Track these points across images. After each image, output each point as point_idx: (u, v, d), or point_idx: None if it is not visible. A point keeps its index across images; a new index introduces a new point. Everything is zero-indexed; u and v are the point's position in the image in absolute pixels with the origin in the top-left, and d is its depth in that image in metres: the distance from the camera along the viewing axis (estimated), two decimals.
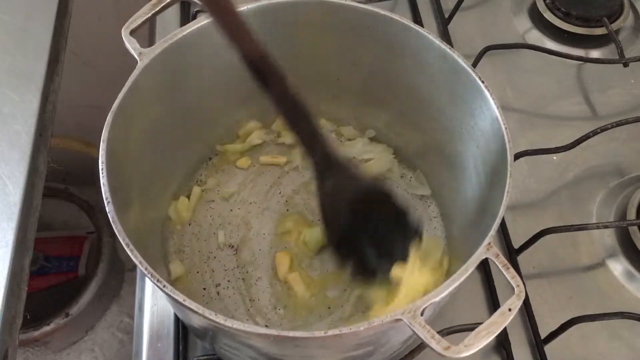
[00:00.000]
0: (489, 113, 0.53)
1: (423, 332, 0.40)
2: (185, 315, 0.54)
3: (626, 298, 0.65)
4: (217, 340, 0.53)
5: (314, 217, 0.67)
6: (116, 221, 0.46)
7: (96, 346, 1.32)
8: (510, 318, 0.41)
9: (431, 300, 0.42)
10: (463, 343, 0.40)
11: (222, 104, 0.67)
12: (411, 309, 0.41)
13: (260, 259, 0.65)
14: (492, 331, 0.41)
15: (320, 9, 0.60)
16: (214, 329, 0.47)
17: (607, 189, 0.72)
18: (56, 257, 1.33)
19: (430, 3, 0.89)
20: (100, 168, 0.48)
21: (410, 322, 0.41)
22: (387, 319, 0.41)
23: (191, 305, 0.42)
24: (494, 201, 0.48)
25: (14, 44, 0.71)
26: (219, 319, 0.41)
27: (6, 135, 0.64)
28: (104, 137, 0.50)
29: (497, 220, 0.46)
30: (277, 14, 0.60)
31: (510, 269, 0.43)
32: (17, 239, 0.58)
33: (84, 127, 1.25)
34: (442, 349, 0.40)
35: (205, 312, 0.42)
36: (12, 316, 0.55)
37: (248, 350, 0.49)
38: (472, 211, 0.58)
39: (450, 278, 0.43)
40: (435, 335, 0.40)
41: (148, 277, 0.44)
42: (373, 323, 0.41)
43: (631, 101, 0.80)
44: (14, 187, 0.60)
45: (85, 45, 1.08)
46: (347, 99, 0.69)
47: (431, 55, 0.57)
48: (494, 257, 0.44)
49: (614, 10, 0.85)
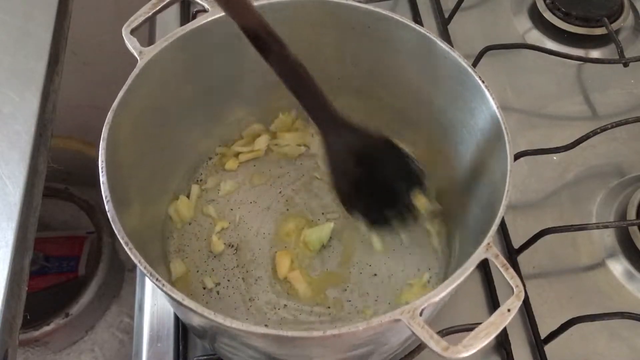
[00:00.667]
0: (488, 112, 0.53)
1: (422, 333, 0.40)
2: (184, 314, 0.54)
3: (626, 298, 0.65)
4: (217, 340, 0.53)
5: (314, 217, 0.67)
6: (116, 220, 0.46)
7: (96, 346, 1.32)
8: (509, 318, 0.41)
9: (430, 300, 0.42)
10: (462, 343, 0.40)
11: (222, 103, 0.67)
12: (410, 309, 0.41)
13: (260, 258, 0.65)
14: (491, 332, 0.41)
15: (321, 9, 0.60)
16: (214, 328, 0.48)
17: (607, 189, 0.72)
18: (56, 257, 1.33)
19: (430, 3, 0.89)
20: (99, 167, 0.48)
21: (409, 322, 0.41)
22: (386, 319, 0.41)
23: (190, 305, 0.42)
24: (494, 201, 0.48)
25: (14, 44, 0.71)
26: (218, 318, 0.41)
27: (6, 135, 0.64)
28: (103, 136, 0.50)
29: (497, 220, 0.46)
30: (278, 13, 0.60)
31: (510, 269, 0.43)
32: (17, 239, 0.58)
33: (84, 127, 1.25)
34: (441, 349, 0.40)
35: (205, 311, 0.42)
36: (12, 316, 0.55)
37: (248, 349, 0.49)
38: (473, 211, 0.58)
39: (450, 278, 0.43)
40: (434, 336, 0.40)
41: (147, 276, 0.44)
42: (372, 323, 0.41)
43: (631, 101, 0.80)
44: (14, 187, 0.60)
45: (85, 45, 1.08)
46: (348, 98, 0.68)
47: (431, 55, 0.57)
48: (493, 258, 0.44)
49: (614, 10, 0.85)
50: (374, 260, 0.64)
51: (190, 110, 0.64)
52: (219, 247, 0.65)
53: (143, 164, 0.58)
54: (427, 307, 0.42)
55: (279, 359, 0.51)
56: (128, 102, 0.53)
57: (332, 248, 0.65)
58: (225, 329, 0.42)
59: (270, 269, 0.64)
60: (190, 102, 0.63)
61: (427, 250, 0.65)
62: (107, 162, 0.49)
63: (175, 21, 0.84)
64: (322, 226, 0.65)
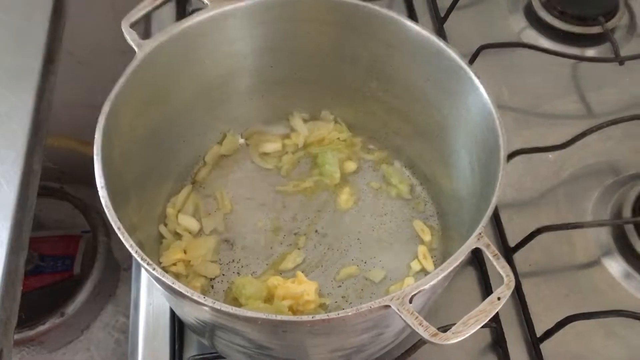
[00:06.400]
0: (482, 105, 0.53)
1: (411, 319, 0.40)
2: (176, 304, 0.53)
3: (622, 296, 0.65)
4: (212, 333, 0.52)
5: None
6: (109, 206, 0.46)
7: (92, 345, 1.31)
8: (499, 307, 0.42)
9: (420, 288, 0.42)
10: (451, 330, 0.40)
11: (219, 100, 0.67)
12: (400, 295, 0.41)
13: (256, 254, 0.65)
14: (481, 319, 0.41)
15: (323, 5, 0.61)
16: (207, 319, 0.48)
17: (603, 187, 0.72)
18: (51, 256, 1.33)
19: (426, 2, 0.89)
20: (95, 154, 0.49)
21: (398, 309, 0.41)
22: (376, 304, 0.41)
23: (180, 289, 0.42)
24: (488, 194, 0.48)
25: (9, 43, 0.71)
26: (207, 302, 0.42)
27: (1, 134, 0.64)
28: (99, 125, 0.50)
29: (489, 211, 0.46)
30: (278, 10, 0.61)
31: (501, 258, 0.43)
32: (12, 238, 0.57)
33: (79, 126, 1.24)
34: (430, 335, 0.40)
35: (194, 295, 0.42)
36: (7, 316, 0.55)
37: (240, 340, 0.49)
38: (468, 206, 0.58)
39: (440, 267, 0.43)
40: (423, 322, 0.40)
41: (138, 259, 0.44)
42: (361, 309, 0.41)
43: (626, 100, 0.80)
44: (8, 186, 0.60)
45: (80, 44, 1.08)
46: (347, 96, 0.69)
47: (426, 52, 0.57)
48: (484, 247, 0.44)
49: (610, 9, 0.85)
50: (368, 258, 0.64)
51: (187, 106, 0.64)
52: (214, 242, 0.65)
53: (139, 157, 0.58)
54: (419, 296, 0.42)
55: (275, 354, 0.51)
56: (125, 92, 0.53)
57: (326, 247, 0.65)
58: (215, 315, 0.43)
59: (265, 265, 0.64)
60: (187, 97, 0.63)
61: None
62: (102, 150, 0.49)
63: (171, 20, 0.84)
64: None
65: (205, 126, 0.69)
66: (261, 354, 0.52)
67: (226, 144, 0.71)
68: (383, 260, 0.64)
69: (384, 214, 0.67)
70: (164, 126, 0.62)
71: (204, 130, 0.69)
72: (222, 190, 0.69)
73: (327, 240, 0.66)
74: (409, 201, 0.68)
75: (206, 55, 0.62)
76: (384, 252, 0.65)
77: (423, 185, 0.69)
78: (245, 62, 0.65)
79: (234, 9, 0.59)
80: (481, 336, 0.62)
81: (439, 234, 0.66)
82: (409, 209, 0.68)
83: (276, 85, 0.68)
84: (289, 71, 0.67)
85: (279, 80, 0.68)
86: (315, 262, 0.64)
